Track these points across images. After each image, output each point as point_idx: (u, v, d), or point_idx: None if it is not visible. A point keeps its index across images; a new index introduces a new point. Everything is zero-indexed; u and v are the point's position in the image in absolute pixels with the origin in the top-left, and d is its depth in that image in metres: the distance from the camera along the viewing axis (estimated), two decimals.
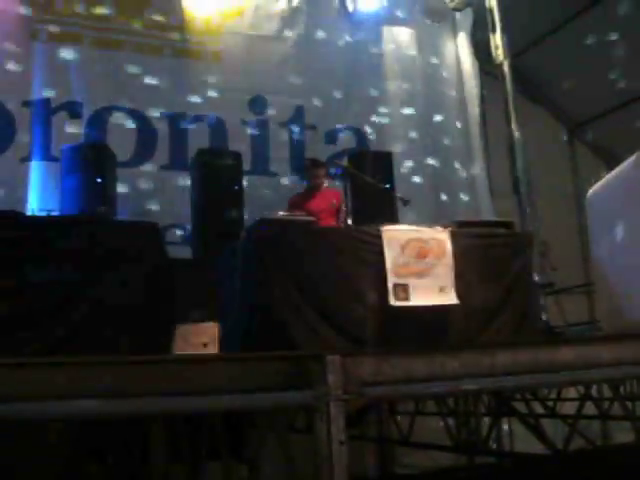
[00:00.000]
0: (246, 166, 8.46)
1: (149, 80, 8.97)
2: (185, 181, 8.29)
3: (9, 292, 4.82)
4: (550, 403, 7.30)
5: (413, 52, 10.43)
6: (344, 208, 6.65)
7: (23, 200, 7.77)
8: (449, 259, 5.40)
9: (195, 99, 9.09)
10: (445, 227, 5.69)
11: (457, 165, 10.27)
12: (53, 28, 8.67)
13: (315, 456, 2.92)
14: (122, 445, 5.48)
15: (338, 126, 9.78)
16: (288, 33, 9.82)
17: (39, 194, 7.91)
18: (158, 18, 9.21)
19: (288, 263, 5.00)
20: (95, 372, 2.83)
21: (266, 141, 9.41)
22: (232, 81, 9.28)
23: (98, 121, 8.63)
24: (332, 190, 7.33)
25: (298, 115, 9.62)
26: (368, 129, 9.88)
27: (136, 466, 5.43)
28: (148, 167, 8.74)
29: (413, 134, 10.06)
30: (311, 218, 5.70)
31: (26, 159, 8.24)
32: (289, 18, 9.86)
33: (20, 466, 5.41)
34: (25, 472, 5.43)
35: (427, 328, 5.14)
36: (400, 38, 10.41)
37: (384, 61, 10.26)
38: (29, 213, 6.94)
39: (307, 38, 9.89)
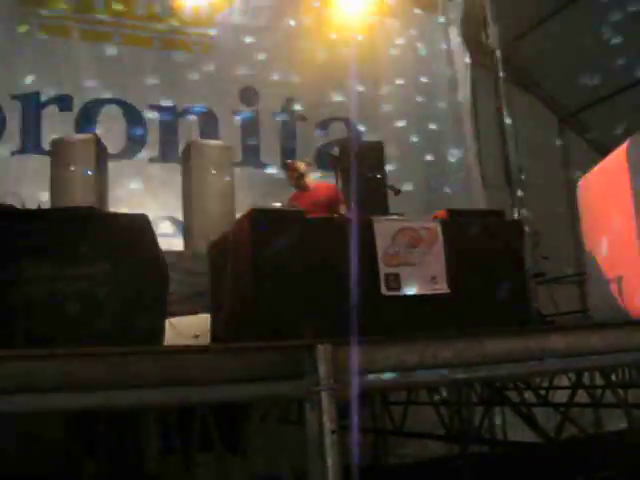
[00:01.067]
0: (237, 157, 8.46)
1: (139, 72, 8.95)
2: (176, 172, 8.27)
3: (1, 285, 4.81)
4: (542, 392, 7.32)
5: (403, 42, 10.42)
6: (340, 200, 6.66)
7: (14, 193, 7.75)
8: (440, 248, 5.39)
9: (185, 91, 9.08)
10: (436, 216, 5.69)
11: (449, 155, 10.28)
12: (42, 21, 8.64)
13: (307, 446, 2.92)
14: (115, 438, 5.47)
15: (329, 116, 9.77)
16: (278, 24, 9.79)
17: (30, 187, 7.88)
18: (147, 10, 9.19)
19: (279, 254, 4.99)
20: (86, 364, 2.82)
21: (257, 132, 9.40)
22: (222, 72, 9.27)
23: (88, 114, 8.61)
24: (322, 185, 7.18)
25: (289, 106, 9.62)
26: (359, 119, 9.87)
27: (129, 458, 5.43)
28: (139, 159, 8.73)
29: (404, 124, 10.06)
30: (302, 209, 5.70)
31: (17, 152, 8.22)
32: (279, 9, 9.83)
33: (17, 461, 5.42)
34: (22, 467, 5.44)
35: (419, 317, 5.14)
36: (390, 28, 10.40)
37: (374, 51, 10.24)
38: (20, 206, 6.92)
39: (298, 29, 9.86)
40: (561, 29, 10.36)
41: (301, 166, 7.10)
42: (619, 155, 5.26)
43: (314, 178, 7.46)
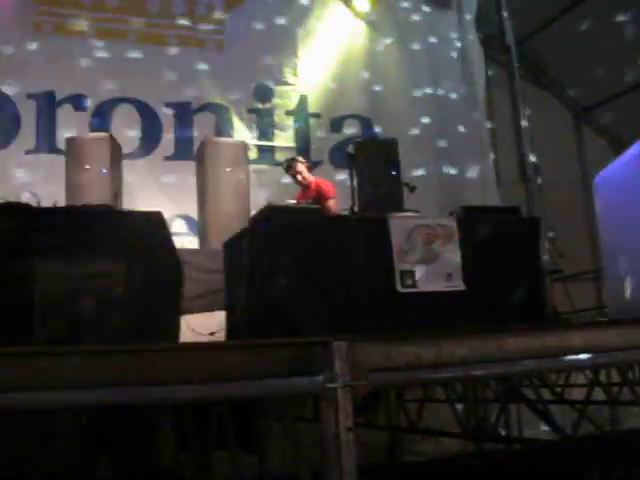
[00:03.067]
0: (252, 155, 8.46)
1: (154, 70, 8.96)
2: (191, 170, 8.28)
3: (16, 283, 4.83)
4: (558, 389, 7.28)
5: (418, 39, 10.39)
6: (330, 196, 6.86)
7: (29, 192, 7.78)
8: (456, 245, 5.37)
9: (200, 88, 9.09)
10: (452, 213, 5.67)
11: (464, 152, 10.24)
12: (57, 20, 8.66)
13: (323, 443, 2.91)
14: (131, 435, 5.49)
15: (343, 114, 9.76)
16: (292, 21, 9.79)
17: (45, 186, 7.91)
18: (161, 8, 9.20)
19: (294, 251, 4.98)
20: (101, 361, 2.83)
21: (271, 130, 9.40)
22: (237, 70, 9.28)
23: (103, 112, 8.64)
24: (317, 182, 7.49)
25: (303, 103, 9.61)
26: (373, 116, 9.86)
27: (145, 455, 5.44)
28: (153, 157, 8.75)
29: (418, 121, 10.03)
30: (317, 206, 5.71)
31: (32, 151, 8.25)
32: (293, 6, 9.83)
33: (31, 457, 5.44)
34: (36, 463, 5.45)
35: (434, 314, 5.12)
36: (404, 25, 10.37)
37: (388, 48, 10.23)
38: (35, 205, 6.94)
39: (311, 26, 9.86)
40: (576, 25, 10.31)
41: (298, 166, 7.62)
42: (635, 150, 5.23)
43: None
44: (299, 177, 7.53)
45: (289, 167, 7.69)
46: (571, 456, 5.97)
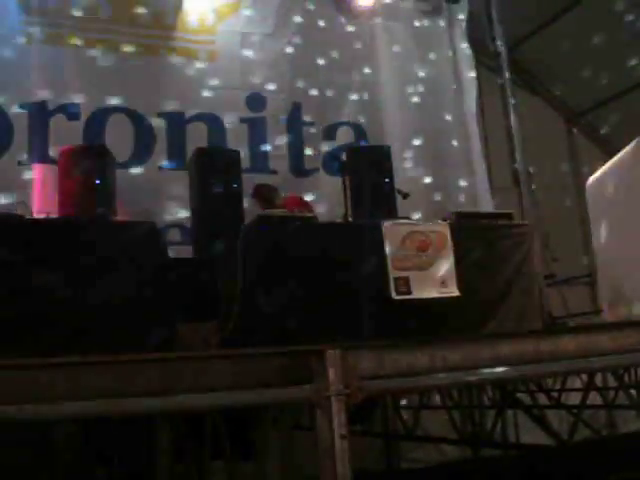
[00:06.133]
0: (245, 164, 8.45)
1: (146, 80, 8.94)
2: (184, 180, 8.26)
3: (10, 295, 4.82)
4: (555, 394, 7.28)
5: (409, 46, 10.39)
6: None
7: (23, 203, 7.75)
8: (450, 252, 5.39)
9: (192, 98, 9.08)
10: (445, 220, 5.68)
11: (455, 159, 10.23)
12: (48, 29, 8.64)
13: (317, 451, 2.91)
14: (127, 446, 5.47)
15: (336, 122, 9.77)
16: (284, 29, 9.79)
17: (38, 197, 7.89)
18: (153, 17, 9.20)
19: (288, 259, 4.99)
20: (95, 372, 2.82)
21: (264, 138, 9.39)
22: (229, 79, 9.27)
23: (96, 122, 8.60)
24: (290, 200, 7.48)
25: (296, 111, 9.61)
26: (366, 124, 9.86)
27: (141, 467, 5.43)
28: (147, 167, 8.73)
29: (411, 128, 10.03)
30: (310, 214, 5.71)
31: (24, 162, 8.23)
32: (284, 14, 9.84)
33: (28, 469, 5.42)
34: (32, 475, 5.44)
35: (429, 321, 5.12)
36: (396, 32, 10.38)
37: (380, 56, 10.23)
38: (29, 216, 6.93)
39: (303, 34, 9.87)
40: (566, 30, 10.35)
41: (262, 189, 7.62)
42: (626, 155, 5.25)
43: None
44: (265, 203, 7.48)
45: (255, 195, 7.71)
46: (568, 461, 5.97)
